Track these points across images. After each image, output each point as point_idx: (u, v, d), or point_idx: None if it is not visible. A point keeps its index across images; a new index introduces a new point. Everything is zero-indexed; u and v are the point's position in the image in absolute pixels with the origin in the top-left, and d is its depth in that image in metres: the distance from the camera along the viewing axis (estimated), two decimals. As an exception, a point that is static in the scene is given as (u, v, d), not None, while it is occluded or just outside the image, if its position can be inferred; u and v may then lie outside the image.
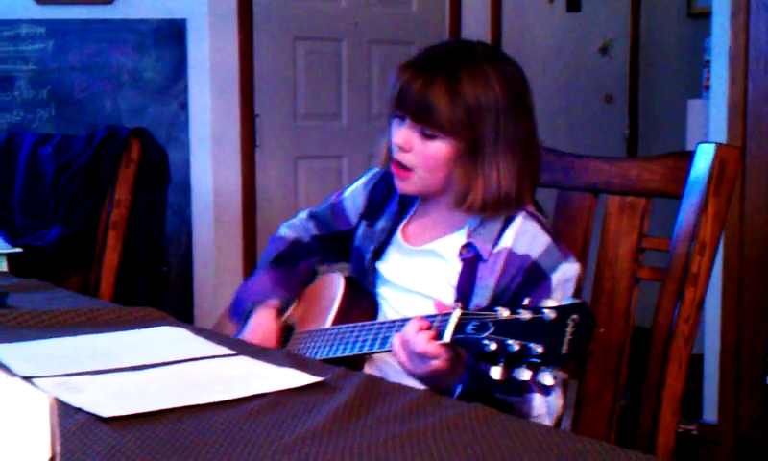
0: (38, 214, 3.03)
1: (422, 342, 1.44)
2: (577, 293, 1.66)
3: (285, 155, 4.14)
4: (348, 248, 1.90)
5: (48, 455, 0.79)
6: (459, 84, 1.62)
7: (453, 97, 1.62)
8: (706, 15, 3.94)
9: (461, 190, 1.67)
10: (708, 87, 3.89)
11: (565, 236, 1.79)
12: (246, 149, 3.98)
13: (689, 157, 1.63)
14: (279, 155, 4.12)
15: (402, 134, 1.68)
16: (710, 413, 3.52)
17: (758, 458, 3.37)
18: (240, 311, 1.88)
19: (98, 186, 2.80)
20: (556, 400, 1.59)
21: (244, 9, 3.93)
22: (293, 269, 1.93)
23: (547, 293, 1.59)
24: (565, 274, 1.62)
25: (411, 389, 1.33)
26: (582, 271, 1.69)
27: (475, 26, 4.60)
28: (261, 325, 1.82)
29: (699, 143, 1.62)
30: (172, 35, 3.84)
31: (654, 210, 1.72)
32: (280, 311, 1.86)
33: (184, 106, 3.86)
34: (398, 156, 1.70)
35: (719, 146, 1.59)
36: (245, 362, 1.47)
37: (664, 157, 1.70)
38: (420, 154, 1.67)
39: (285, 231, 2.01)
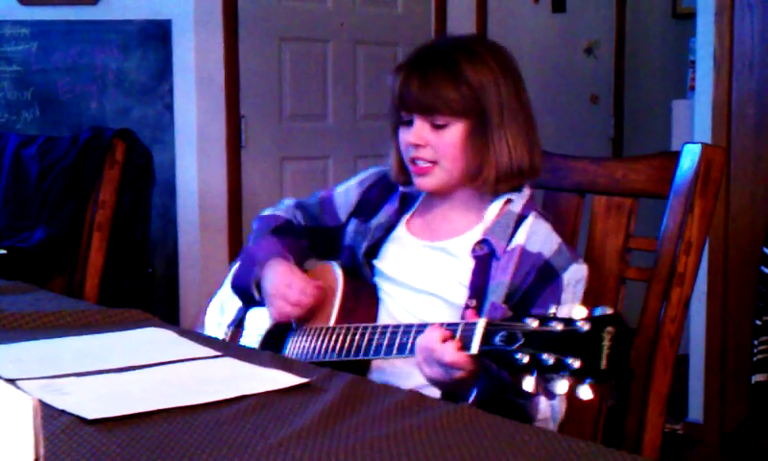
0: (23, 216, 3.02)
1: (450, 352, 1.42)
2: (586, 294, 1.66)
3: (271, 155, 4.13)
4: (333, 244, 1.88)
5: (32, 457, 0.79)
6: (458, 67, 1.66)
7: (455, 80, 1.65)
8: (690, 16, 3.96)
9: (474, 168, 1.68)
10: (693, 88, 3.91)
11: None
12: (231, 150, 3.97)
13: (675, 157, 1.63)
14: (265, 155, 4.11)
15: (414, 132, 1.69)
16: (696, 413, 3.53)
17: (744, 458, 3.38)
18: (249, 272, 1.81)
19: (82, 188, 2.79)
20: (561, 404, 1.58)
21: (229, 9, 3.92)
22: (295, 240, 1.89)
23: (557, 292, 1.60)
24: (576, 274, 1.63)
25: (396, 390, 1.33)
26: (591, 276, 1.68)
27: (461, 27, 4.60)
28: (286, 272, 1.74)
29: (685, 144, 1.62)
30: (157, 35, 3.83)
31: (640, 210, 1.72)
32: None
33: (169, 107, 3.85)
34: (416, 154, 1.70)
35: (705, 146, 1.59)
36: (230, 364, 1.46)
37: (650, 158, 1.70)
38: (437, 145, 1.68)
39: (274, 212, 1.95)
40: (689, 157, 1.60)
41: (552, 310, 1.30)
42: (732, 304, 3.40)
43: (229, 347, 1.61)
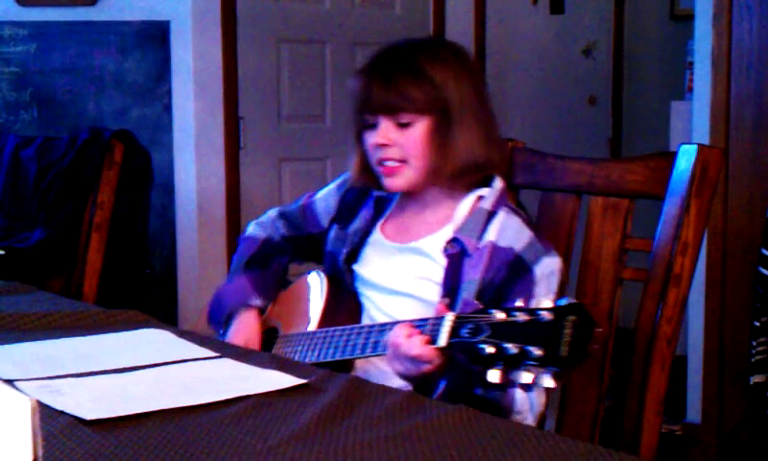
0: (21, 216, 3.02)
1: (417, 346, 1.44)
2: (561, 286, 1.67)
3: (269, 157, 4.13)
4: (318, 250, 1.91)
5: (30, 458, 0.79)
6: (419, 65, 1.69)
7: (418, 78, 1.68)
8: (688, 17, 3.95)
9: (438, 164, 1.70)
10: (691, 89, 3.91)
11: (549, 238, 1.80)
12: (230, 151, 3.97)
13: (671, 158, 1.63)
14: (263, 157, 4.11)
15: (380, 133, 1.71)
16: (694, 413, 3.53)
17: (742, 458, 3.38)
18: (219, 316, 1.88)
19: (81, 188, 2.79)
20: (538, 396, 1.59)
21: (228, 10, 3.92)
22: (267, 270, 1.93)
23: (530, 286, 1.60)
24: (548, 267, 1.64)
25: (395, 390, 1.33)
26: (566, 269, 1.70)
27: (459, 28, 4.60)
28: (245, 327, 1.82)
29: (681, 144, 1.63)
30: (155, 36, 3.83)
31: (637, 211, 1.72)
32: (260, 313, 1.86)
33: (168, 107, 3.84)
34: (383, 154, 1.72)
35: (701, 147, 1.60)
36: (229, 364, 1.46)
37: (647, 159, 1.71)
38: (404, 144, 1.70)
39: (255, 230, 2.00)
40: (685, 158, 1.60)
41: (518, 302, 1.32)
42: (730, 305, 3.40)
43: (228, 347, 1.61)
